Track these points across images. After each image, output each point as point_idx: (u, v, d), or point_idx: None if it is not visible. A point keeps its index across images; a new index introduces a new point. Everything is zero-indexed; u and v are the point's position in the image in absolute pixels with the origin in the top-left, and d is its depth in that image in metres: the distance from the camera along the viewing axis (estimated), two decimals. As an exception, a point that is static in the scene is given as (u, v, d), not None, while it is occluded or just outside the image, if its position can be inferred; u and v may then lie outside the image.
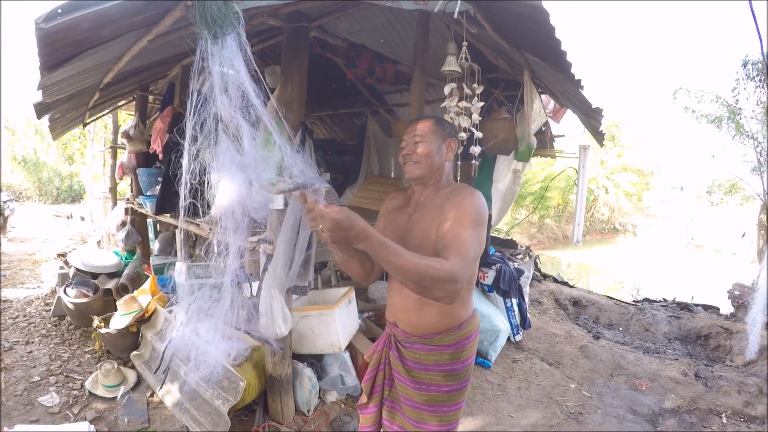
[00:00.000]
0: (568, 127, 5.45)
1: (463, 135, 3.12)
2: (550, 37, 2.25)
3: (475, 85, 3.07)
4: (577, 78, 2.53)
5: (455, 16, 1.99)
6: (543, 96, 3.99)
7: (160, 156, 4.79)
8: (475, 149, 3.13)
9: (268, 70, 4.52)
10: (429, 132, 1.91)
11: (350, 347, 3.85)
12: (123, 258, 6.23)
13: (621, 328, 6.41)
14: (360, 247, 1.45)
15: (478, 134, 3.10)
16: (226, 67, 1.68)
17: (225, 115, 1.66)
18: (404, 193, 2.09)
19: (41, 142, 19.59)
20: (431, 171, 1.92)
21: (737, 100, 9.47)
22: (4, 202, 9.77)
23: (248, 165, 1.73)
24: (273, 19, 3.09)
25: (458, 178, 4.87)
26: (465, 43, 2.84)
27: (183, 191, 1.82)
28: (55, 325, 4.89)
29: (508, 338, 5.05)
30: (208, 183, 1.89)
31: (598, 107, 2.85)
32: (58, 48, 2.25)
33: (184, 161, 1.74)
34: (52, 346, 4.42)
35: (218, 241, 2.00)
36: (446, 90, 3.04)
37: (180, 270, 3.98)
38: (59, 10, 1.76)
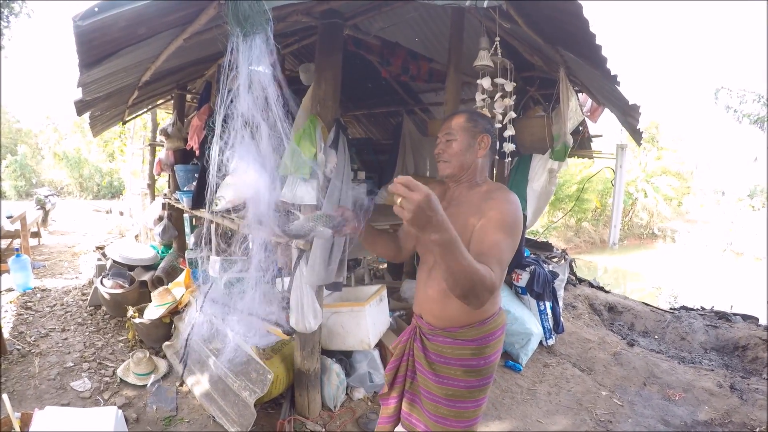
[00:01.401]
0: (606, 128, 5.32)
1: (509, 132, 3.11)
2: (585, 31, 2.20)
3: (507, 81, 3.03)
4: (613, 73, 2.47)
5: (485, 5, 1.96)
6: (580, 95, 3.92)
7: (197, 152, 4.87)
8: (509, 146, 3.10)
9: (302, 68, 4.54)
10: (459, 129, 1.90)
11: (380, 345, 3.85)
12: (160, 252, 6.37)
13: (656, 336, 6.23)
14: (431, 239, 1.30)
15: (510, 132, 3.07)
16: (253, 65, 1.69)
17: (246, 113, 1.67)
18: (442, 185, 2.08)
19: (83, 140, 20.17)
20: (462, 169, 1.91)
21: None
22: (46, 197, 10.09)
23: (267, 165, 1.76)
24: (306, 17, 3.11)
25: (494, 176, 4.82)
26: (497, 39, 2.81)
27: (211, 185, 1.85)
28: (91, 315, 5.03)
29: (540, 342, 4.96)
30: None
31: (636, 104, 2.78)
32: (96, 46, 2.30)
33: (213, 153, 1.77)
34: (87, 334, 4.56)
35: (248, 234, 2.03)
36: (485, 84, 3.01)
37: (213, 263, 4.04)
38: (96, 9, 1.80)
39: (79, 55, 2.33)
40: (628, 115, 3.05)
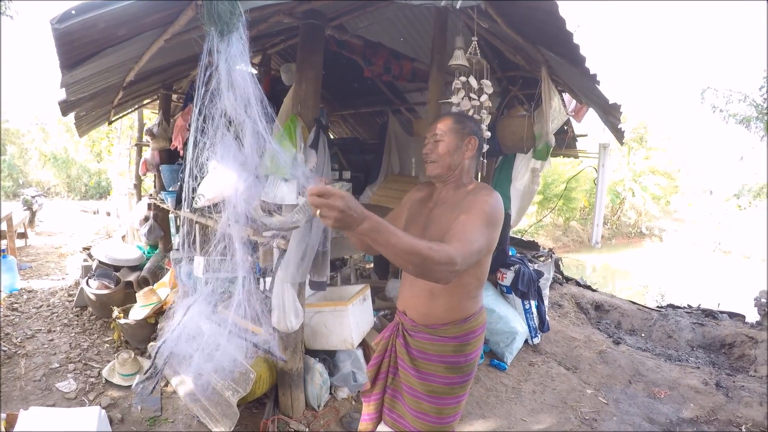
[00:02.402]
0: (591, 127, 5.37)
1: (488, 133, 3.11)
2: (562, 30, 2.23)
3: (487, 82, 3.03)
4: (592, 72, 2.50)
5: (458, 5, 1.98)
6: (565, 94, 3.93)
7: (181, 152, 4.86)
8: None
9: (284, 68, 4.55)
10: (448, 131, 1.92)
11: (364, 345, 3.85)
12: (146, 252, 6.35)
13: (643, 334, 6.28)
14: (360, 230, 1.38)
15: (486, 134, 3.09)
16: (232, 63, 1.70)
17: (230, 111, 1.68)
18: (430, 186, 2.11)
19: (71, 140, 20.00)
20: (449, 170, 1.94)
21: (765, 99, 9.24)
22: (33, 197, 10.02)
23: (248, 164, 1.77)
24: (288, 18, 3.12)
25: (479, 176, 4.83)
26: (474, 38, 2.82)
27: (187, 183, 1.86)
28: (77, 315, 5.01)
29: (526, 341, 4.99)
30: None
31: (616, 103, 2.80)
32: (76, 47, 2.30)
33: (188, 152, 1.77)
34: (72, 335, 4.54)
35: (227, 233, 2.03)
36: (473, 83, 3.01)
37: (197, 264, 4.03)
38: (73, 11, 1.81)
39: (60, 57, 2.33)
40: (610, 114, 3.08)
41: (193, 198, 2.88)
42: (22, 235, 8.76)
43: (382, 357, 2.17)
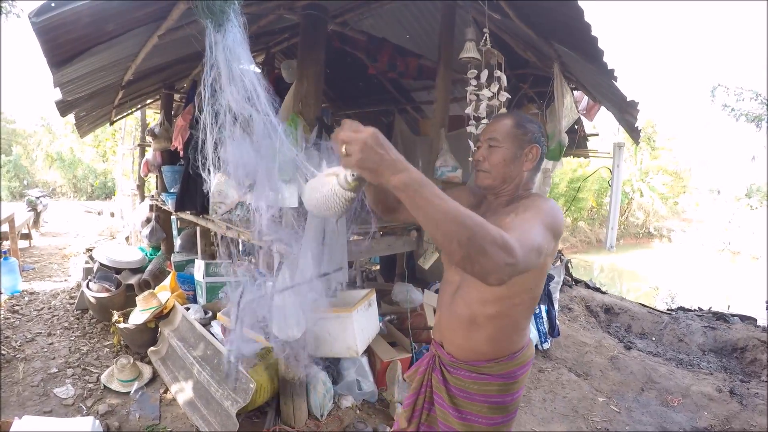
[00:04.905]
0: (603, 127, 5.27)
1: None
2: (579, 21, 2.09)
3: (499, 72, 2.92)
4: (610, 68, 2.37)
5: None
6: (575, 92, 3.82)
7: (181, 153, 4.76)
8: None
9: (284, 65, 4.46)
10: (506, 136, 1.64)
11: (369, 352, 3.74)
12: (148, 254, 6.27)
13: (654, 338, 6.16)
14: (395, 181, 1.04)
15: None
16: (231, 54, 1.59)
17: (234, 106, 1.57)
18: (475, 196, 1.83)
19: (77, 141, 20.03)
20: (504, 182, 1.67)
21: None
22: (37, 198, 10.00)
23: (265, 157, 1.65)
24: (290, 13, 3.03)
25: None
26: (486, 30, 2.71)
27: (198, 186, 1.76)
28: (78, 319, 4.93)
29: (536, 346, 4.87)
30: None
31: (633, 100, 2.69)
32: (61, 43, 2.21)
33: (201, 155, 1.66)
34: (72, 338, 4.45)
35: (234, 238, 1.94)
36: (483, 77, 2.89)
37: (198, 267, 3.95)
38: (52, 4, 1.72)
39: (45, 54, 2.25)
40: (626, 112, 2.96)
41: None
42: (26, 236, 8.71)
43: (417, 394, 1.92)
